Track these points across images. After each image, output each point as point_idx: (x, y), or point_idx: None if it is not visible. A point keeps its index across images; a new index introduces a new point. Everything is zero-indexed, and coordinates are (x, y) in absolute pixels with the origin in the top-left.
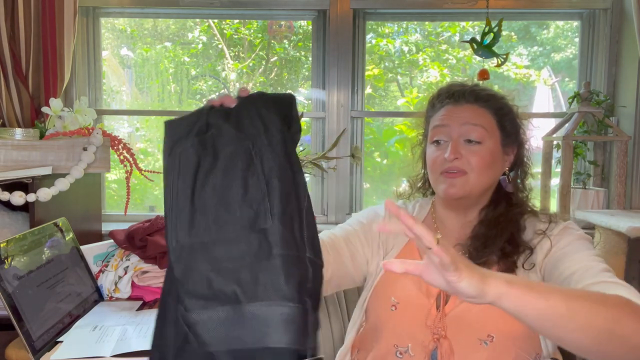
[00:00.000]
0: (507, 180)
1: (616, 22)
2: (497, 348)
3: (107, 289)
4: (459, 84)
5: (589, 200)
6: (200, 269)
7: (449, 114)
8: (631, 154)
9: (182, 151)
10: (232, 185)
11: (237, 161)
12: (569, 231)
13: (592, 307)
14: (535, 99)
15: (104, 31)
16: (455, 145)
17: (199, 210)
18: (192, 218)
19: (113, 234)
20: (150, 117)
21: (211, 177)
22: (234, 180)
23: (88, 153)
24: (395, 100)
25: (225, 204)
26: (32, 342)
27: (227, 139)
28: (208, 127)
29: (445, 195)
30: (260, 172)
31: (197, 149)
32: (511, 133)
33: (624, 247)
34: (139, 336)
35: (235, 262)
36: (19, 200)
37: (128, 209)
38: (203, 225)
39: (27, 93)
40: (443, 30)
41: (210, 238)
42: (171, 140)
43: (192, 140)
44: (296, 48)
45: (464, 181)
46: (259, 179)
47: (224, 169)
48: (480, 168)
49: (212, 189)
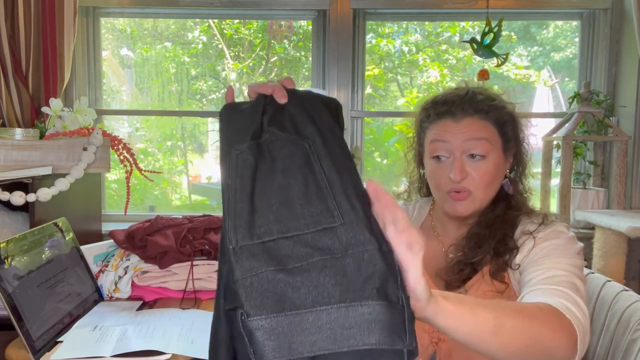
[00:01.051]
0: (509, 183)
1: (616, 22)
2: None
3: (107, 289)
4: (453, 93)
5: (589, 200)
6: (263, 271)
7: (448, 131)
8: (631, 154)
9: (239, 154)
10: (293, 184)
11: (295, 160)
12: (555, 234)
13: (518, 324)
14: (535, 99)
15: (104, 31)
16: (460, 164)
17: (259, 211)
18: (252, 218)
19: (113, 234)
20: (150, 117)
21: (270, 177)
22: (294, 179)
23: (88, 153)
24: (395, 100)
25: (287, 204)
26: (32, 342)
27: (283, 142)
28: (262, 131)
29: (454, 214)
30: (320, 170)
31: (254, 152)
32: (512, 138)
33: (624, 247)
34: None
35: (302, 262)
36: (19, 200)
37: (128, 209)
38: (264, 225)
39: (27, 93)
40: (443, 30)
41: (271, 238)
42: (226, 136)
43: (249, 143)
44: (296, 48)
45: (471, 201)
46: (320, 177)
47: (282, 169)
48: (485, 184)
49: (272, 189)
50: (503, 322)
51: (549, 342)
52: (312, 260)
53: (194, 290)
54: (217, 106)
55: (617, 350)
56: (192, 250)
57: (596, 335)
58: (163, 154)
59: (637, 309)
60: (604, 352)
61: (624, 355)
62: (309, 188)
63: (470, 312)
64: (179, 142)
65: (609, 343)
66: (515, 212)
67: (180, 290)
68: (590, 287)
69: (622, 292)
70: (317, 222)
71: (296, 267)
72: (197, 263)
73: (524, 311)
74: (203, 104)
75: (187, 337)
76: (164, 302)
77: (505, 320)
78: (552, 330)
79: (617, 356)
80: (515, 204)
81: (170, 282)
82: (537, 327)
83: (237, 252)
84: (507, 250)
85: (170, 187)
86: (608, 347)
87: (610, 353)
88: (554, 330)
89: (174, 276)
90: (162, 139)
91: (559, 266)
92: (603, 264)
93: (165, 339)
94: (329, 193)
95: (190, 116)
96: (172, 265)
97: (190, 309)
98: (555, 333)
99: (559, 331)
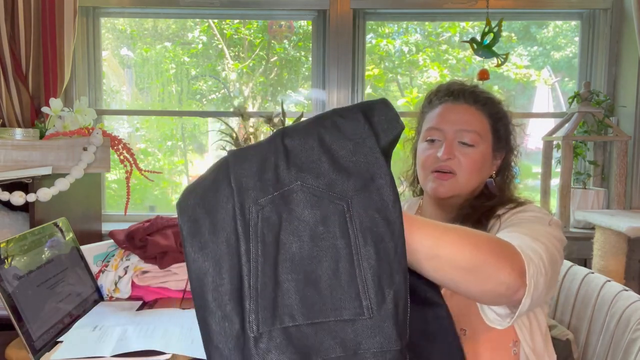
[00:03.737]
0: (493, 183)
1: (616, 22)
2: (471, 341)
3: (107, 289)
4: (459, 83)
5: (589, 200)
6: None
7: (444, 114)
8: (631, 154)
9: (259, 210)
10: (322, 258)
11: (329, 227)
12: (521, 213)
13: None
14: (535, 99)
15: (104, 31)
16: (450, 145)
17: (283, 288)
18: (275, 296)
19: (113, 234)
20: (150, 117)
21: (297, 244)
22: (325, 251)
23: (88, 153)
24: (395, 100)
25: (314, 282)
26: (32, 342)
27: (315, 200)
28: (288, 172)
29: (434, 194)
30: (355, 243)
31: (278, 207)
32: (503, 138)
33: (624, 247)
34: (139, 336)
35: (324, 357)
36: (19, 200)
37: (128, 209)
38: (288, 307)
39: (27, 93)
40: (443, 30)
41: (294, 324)
42: (239, 187)
43: (272, 196)
44: (296, 48)
45: (453, 182)
46: (354, 251)
47: (312, 236)
48: (469, 170)
49: (298, 260)
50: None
51: (490, 269)
52: (334, 356)
53: None
54: (217, 106)
55: (617, 350)
56: None
57: (596, 335)
58: (163, 154)
59: (636, 309)
60: (604, 352)
61: (623, 355)
62: (339, 264)
63: (413, 234)
64: (179, 142)
65: (609, 343)
66: (491, 202)
67: (180, 290)
68: (590, 287)
69: (622, 292)
70: (344, 310)
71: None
72: None
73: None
74: (203, 104)
75: (187, 337)
76: (164, 302)
77: (443, 248)
78: (496, 260)
79: (617, 356)
80: (497, 199)
81: (170, 282)
82: (479, 255)
83: (258, 341)
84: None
85: (170, 187)
86: (608, 346)
87: (610, 353)
88: (498, 259)
89: (174, 276)
90: (162, 139)
91: (523, 230)
92: (603, 264)
93: (165, 339)
94: (362, 275)
95: (190, 116)
96: (172, 265)
97: (190, 309)
98: (499, 262)
99: (504, 260)
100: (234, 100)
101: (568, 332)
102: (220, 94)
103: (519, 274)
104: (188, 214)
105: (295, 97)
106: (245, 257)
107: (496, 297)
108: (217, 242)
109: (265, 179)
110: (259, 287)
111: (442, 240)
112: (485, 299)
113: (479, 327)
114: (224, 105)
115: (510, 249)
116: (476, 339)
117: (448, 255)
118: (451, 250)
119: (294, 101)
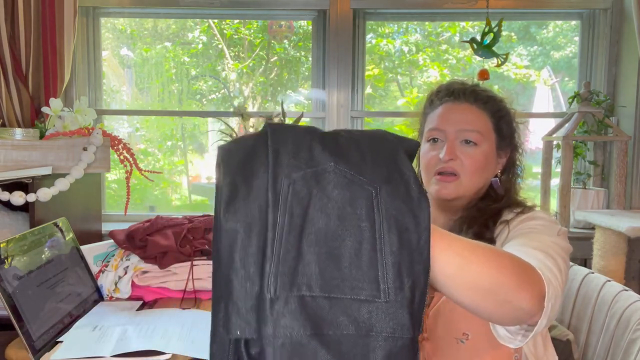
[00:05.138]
0: (499, 183)
1: (616, 22)
2: (474, 345)
3: (107, 289)
4: (460, 83)
5: (589, 200)
6: (299, 334)
7: (446, 114)
8: (631, 154)
9: (291, 184)
10: (346, 237)
11: (355, 209)
12: (530, 221)
13: (485, 271)
14: (535, 99)
15: (104, 31)
16: (452, 145)
17: (305, 259)
18: (296, 265)
19: (113, 234)
20: (150, 117)
21: (324, 220)
22: (349, 231)
23: (88, 153)
24: (395, 100)
25: (335, 258)
26: (32, 342)
27: (346, 181)
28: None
29: (438, 196)
30: (380, 228)
31: (309, 184)
32: (506, 136)
33: (624, 247)
34: (139, 336)
35: (335, 330)
36: (19, 200)
37: (128, 209)
38: (307, 276)
39: (27, 93)
40: (443, 30)
41: (311, 294)
42: (275, 159)
43: (305, 172)
44: (296, 48)
45: (457, 184)
46: (378, 235)
47: (339, 215)
48: (473, 170)
49: (323, 235)
50: (466, 268)
51: (511, 294)
52: (346, 332)
53: (194, 290)
54: (217, 106)
55: (617, 350)
56: (192, 250)
57: (596, 335)
58: (163, 154)
59: (636, 309)
60: (604, 352)
61: (623, 355)
62: (362, 246)
63: (442, 252)
64: (179, 142)
65: (609, 343)
66: (497, 205)
67: (180, 290)
68: (590, 287)
69: (622, 292)
70: (361, 290)
71: (330, 335)
72: (197, 263)
73: (496, 259)
74: (203, 104)
75: (187, 337)
76: (164, 302)
77: (469, 266)
78: (518, 284)
79: (617, 356)
80: (502, 199)
81: (170, 282)
82: (502, 278)
83: (274, 303)
84: (484, 241)
85: (170, 187)
86: (608, 347)
87: (610, 353)
88: (520, 283)
89: (174, 276)
90: (162, 139)
91: (534, 243)
92: (603, 264)
93: (165, 339)
94: (382, 260)
95: (190, 116)
96: (172, 265)
97: (190, 309)
98: (521, 286)
99: (526, 284)
100: (234, 100)
101: (568, 333)
102: (220, 94)
103: (538, 299)
104: (230, 178)
105: (295, 97)
106: (272, 225)
107: (513, 320)
108: (251, 208)
109: (300, 157)
110: (281, 253)
111: (469, 260)
112: (502, 321)
113: (481, 331)
114: (224, 105)
115: (532, 273)
116: (478, 343)
117: (473, 274)
118: (476, 270)
119: (294, 101)
